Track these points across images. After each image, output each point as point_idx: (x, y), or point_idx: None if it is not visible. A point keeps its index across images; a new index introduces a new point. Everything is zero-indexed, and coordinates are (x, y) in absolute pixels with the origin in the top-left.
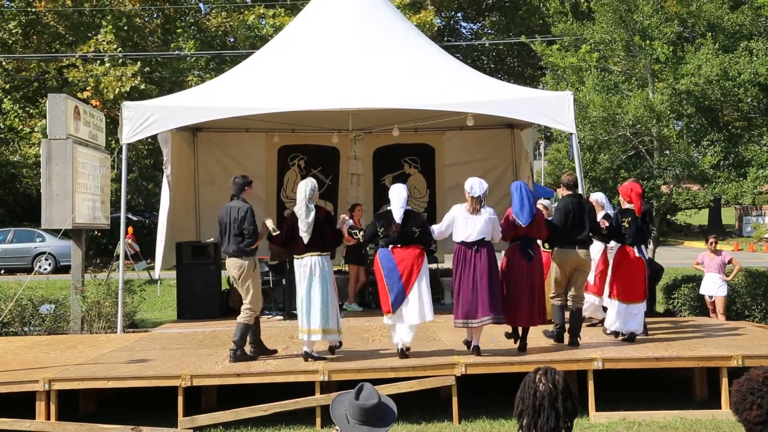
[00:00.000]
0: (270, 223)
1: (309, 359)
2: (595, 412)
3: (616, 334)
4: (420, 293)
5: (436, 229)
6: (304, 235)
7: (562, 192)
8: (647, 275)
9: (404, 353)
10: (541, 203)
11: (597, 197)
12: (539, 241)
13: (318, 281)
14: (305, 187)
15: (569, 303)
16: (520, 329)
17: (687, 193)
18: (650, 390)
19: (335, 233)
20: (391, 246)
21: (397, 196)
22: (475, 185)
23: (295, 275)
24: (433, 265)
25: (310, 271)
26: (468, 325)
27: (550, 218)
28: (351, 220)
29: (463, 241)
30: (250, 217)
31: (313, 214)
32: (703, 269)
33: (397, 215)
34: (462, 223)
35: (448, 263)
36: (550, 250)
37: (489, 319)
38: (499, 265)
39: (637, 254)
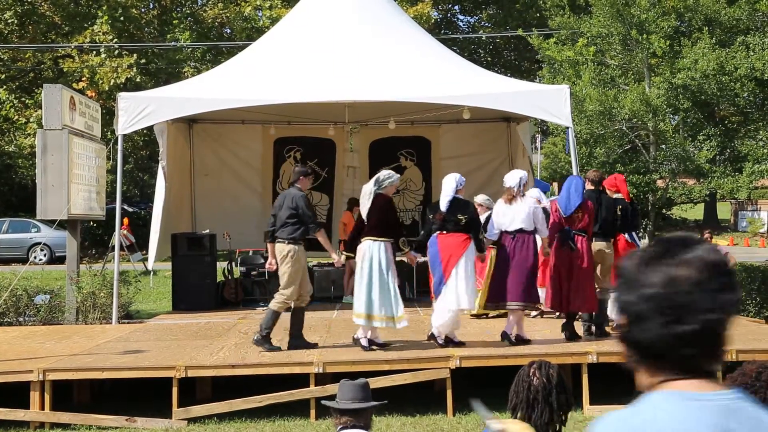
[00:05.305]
0: (342, 259)
1: (373, 347)
2: (590, 406)
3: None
4: (458, 279)
5: (491, 229)
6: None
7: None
8: None
9: (435, 339)
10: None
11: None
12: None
13: (372, 267)
14: (388, 176)
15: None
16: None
17: (683, 188)
18: None
19: (397, 220)
20: (438, 232)
21: (446, 186)
22: (508, 177)
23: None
24: None
25: (369, 256)
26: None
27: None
28: (415, 253)
29: (502, 230)
30: (303, 203)
31: (371, 199)
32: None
33: (443, 203)
34: (501, 213)
35: None
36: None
37: (521, 305)
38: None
39: (629, 241)
